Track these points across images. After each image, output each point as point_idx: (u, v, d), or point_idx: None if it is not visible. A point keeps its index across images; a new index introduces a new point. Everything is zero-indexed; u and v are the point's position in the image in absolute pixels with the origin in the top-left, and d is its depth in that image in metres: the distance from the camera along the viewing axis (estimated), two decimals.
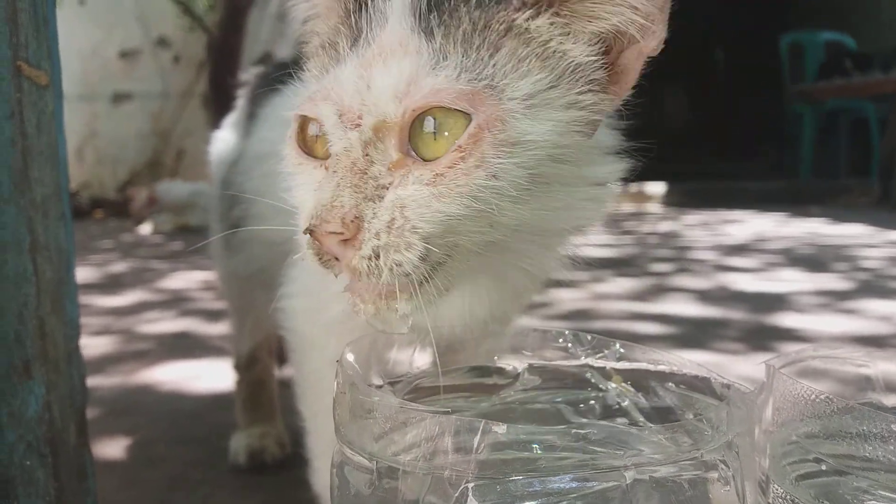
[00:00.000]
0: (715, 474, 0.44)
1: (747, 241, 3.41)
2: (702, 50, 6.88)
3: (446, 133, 0.49)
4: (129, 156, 5.52)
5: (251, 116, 0.98)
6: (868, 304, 2.01)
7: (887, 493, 0.46)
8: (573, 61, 0.52)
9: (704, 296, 2.18)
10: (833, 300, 2.08)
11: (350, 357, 0.53)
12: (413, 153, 0.50)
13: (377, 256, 0.49)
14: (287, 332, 0.74)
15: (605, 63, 0.54)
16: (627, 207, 5.20)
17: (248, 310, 1.06)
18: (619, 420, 0.55)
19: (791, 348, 1.65)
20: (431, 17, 0.51)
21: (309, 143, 0.54)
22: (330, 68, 0.54)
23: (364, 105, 0.49)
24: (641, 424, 0.54)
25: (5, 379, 0.64)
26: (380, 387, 0.57)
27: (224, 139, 1.07)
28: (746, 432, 0.48)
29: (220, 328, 1.80)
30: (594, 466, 0.43)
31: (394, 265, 0.49)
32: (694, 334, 1.71)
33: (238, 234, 0.90)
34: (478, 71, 0.49)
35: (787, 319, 1.87)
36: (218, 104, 4.42)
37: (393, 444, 0.48)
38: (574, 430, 0.42)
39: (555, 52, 0.52)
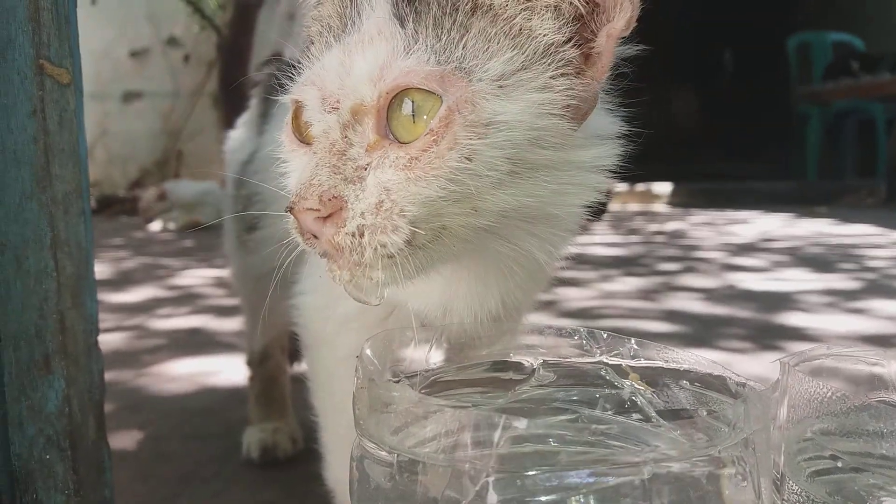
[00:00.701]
0: (732, 470, 0.45)
1: (754, 240, 3.41)
2: (710, 51, 6.87)
3: (424, 116, 0.50)
4: (139, 154, 5.56)
5: (264, 116, 0.99)
6: (875, 303, 2.01)
7: None
8: (543, 41, 0.53)
9: (711, 295, 2.18)
10: (840, 300, 2.08)
11: (368, 352, 0.54)
12: (391, 135, 0.51)
13: (361, 235, 0.50)
14: (300, 329, 0.75)
15: (580, 45, 0.54)
16: (634, 207, 5.20)
17: (261, 308, 1.07)
18: (634, 417, 0.55)
19: (798, 347, 1.65)
20: (406, 2, 0.52)
21: (303, 129, 0.55)
22: (321, 55, 0.56)
23: (342, 89, 0.51)
24: (654, 419, 0.54)
25: (25, 373, 0.65)
26: (397, 381, 0.58)
27: (238, 138, 1.08)
28: (763, 429, 0.48)
29: (232, 324, 1.81)
30: (612, 461, 0.43)
31: (378, 245, 0.50)
32: (701, 333, 1.71)
33: (253, 233, 0.91)
34: (448, 53, 0.51)
35: (793, 318, 1.87)
36: (228, 103, 4.44)
37: (412, 437, 0.49)
38: (593, 426, 0.42)
39: (521, 29, 0.52)
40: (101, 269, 2.78)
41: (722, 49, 7.01)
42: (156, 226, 4.17)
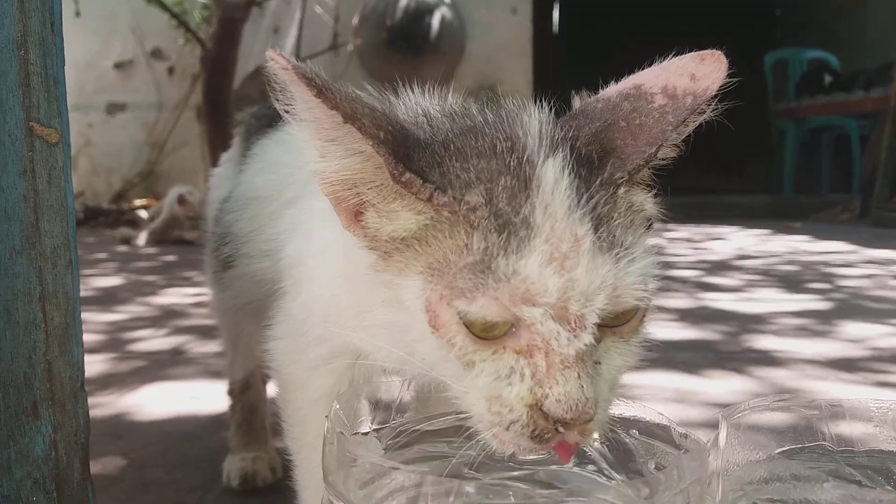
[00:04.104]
0: None
1: (729, 257, 3.48)
2: None
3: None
4: (122, 166, 5.56)
5: (243, 156, 1.03)
6: (843, 325, 2.07)
7: None
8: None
9: (683, 316, 2.23)
10: (809, 321, 2.14)
11: (338, 408, 0.58)
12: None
13: (603, 416, 0.55)
14: (273, 373, 0.78)
15: None
16: None
17: (239, 341, 1.11)
18: (589, 467, 0.60)
19: (764, 372, 1.68)
20: (588, 205, 0.54)
21: (478, 330, 0.54)
22: (474, 255, 0.53)
23: (587, 308, 0.52)
24: (606, 471, 0.59)
25: (14, 419, 0.68)
26: (366, 433, 0.62)
27: (220, 175, 1.11)
28: (697, 482, 0.53)
29: (213, 346, 1.84)
30: None
31: (607, 415, 0.56)
32: (669, 356, 1.76)
33: (228, 271, 0.94)
34: (641, 262, 0.55)
35: (763, 341, 1.92)
36: (212, 116, 4.46)
37: (381, 489, 0.53)
38: (537, 490, 0.46)
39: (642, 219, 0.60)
40: (84, 286, 2.79)
41: None
42: (141, 239, 4.15)
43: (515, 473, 0.57)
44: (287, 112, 0.53)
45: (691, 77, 0.59)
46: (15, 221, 0.67)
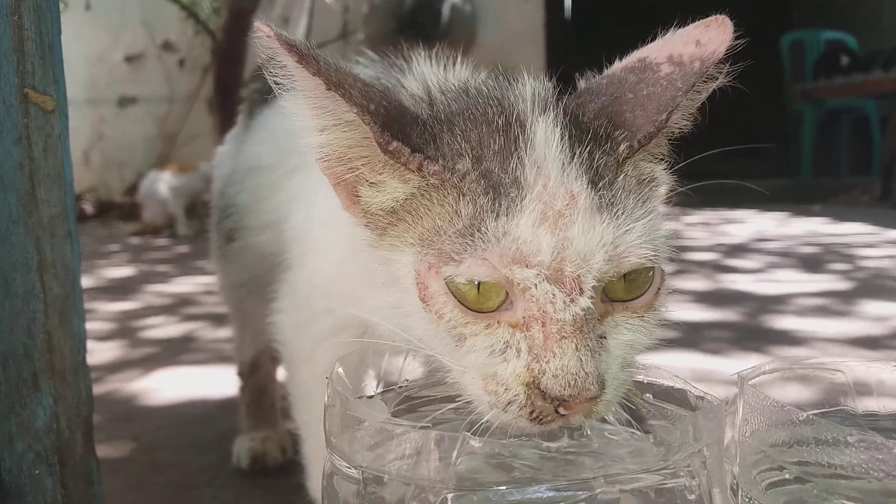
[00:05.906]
0: (682, 483, 0.47)
1: (747, 240, 3.43)
2: None
3: (637, 278, 0.52)
4: (135, 159, 5.58)
5: (246, 130, 1.02)
6: (865, 304, 2.03)
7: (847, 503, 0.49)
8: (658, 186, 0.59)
9: (702, 297, 2.20)
10: (830, 301, 2.10)
11: (340, 371, 0.56)
12: (606, 297, 0.52)
13: (613, 396, 0.51)
14: (279, 346, 0.77)
15: None
16: None
17: (247, 318, 1.10)
18: (606, 430, 0.58)
19: (784, 351, 1.65)
20: (582, 163, 0.52)
21: (471, 302, 0.51)
22: (464, 221, 0.51)
23: (583, 269, 0.49)
24: (622, 434, 0.57)
25: (15, 391, 0.67)
26: (371, 397, 0.60)
27: (224, 153, 1.10)
28: (715, 443, 0.51)
29: (224, 332, 1.83)
30: (567, 476, 0.46)
31: (619, 396, 0.52)
32: (689, 336, 1.73)
33: (232, 244, 0.93)
34: (646, 221, 0.53)
35: (783, 321, 1.89)
36: (223, 108, 4.46)
37: (389, 453, 0.51)
38: (545, 444, 0.44)
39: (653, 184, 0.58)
40: (97, 278, 2.81)
41: None
42: (182, 229, 4.13)
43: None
44: (277, 84, 0.52)
45: (696, 43, 0.57)
46: (11, 190, 0.66)
